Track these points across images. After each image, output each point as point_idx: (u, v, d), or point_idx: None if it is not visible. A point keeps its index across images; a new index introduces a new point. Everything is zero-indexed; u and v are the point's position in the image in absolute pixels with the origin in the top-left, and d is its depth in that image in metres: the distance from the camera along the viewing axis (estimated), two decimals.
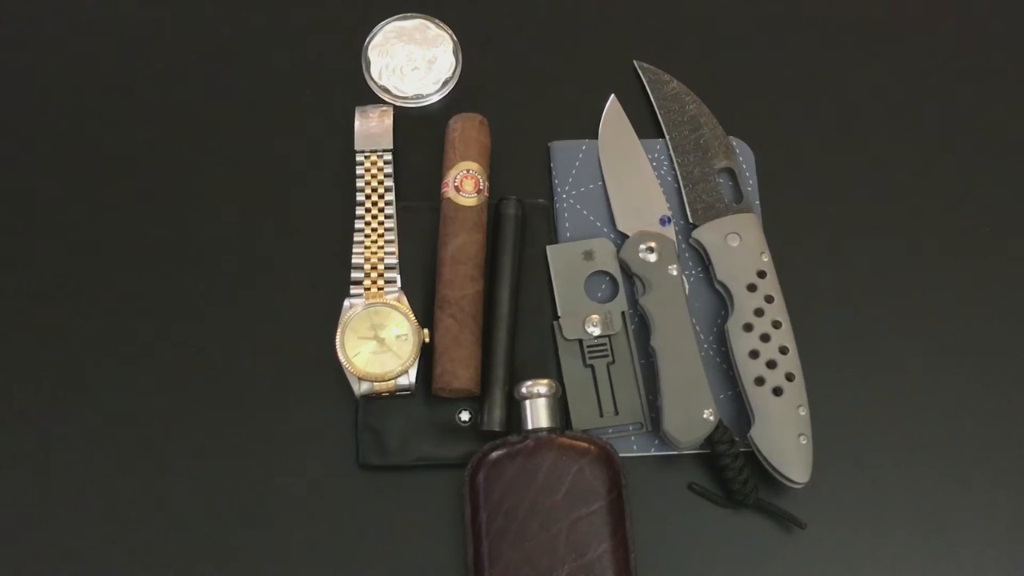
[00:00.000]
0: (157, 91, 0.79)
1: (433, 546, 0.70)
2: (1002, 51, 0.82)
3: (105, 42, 0.80)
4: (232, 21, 0.81)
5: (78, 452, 0.71)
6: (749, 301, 0.72)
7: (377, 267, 0.73)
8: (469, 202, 0.74)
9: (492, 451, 0.68)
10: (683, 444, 0.70)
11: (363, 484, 0.71)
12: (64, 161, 0.77)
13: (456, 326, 0.71)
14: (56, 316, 0.74)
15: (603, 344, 0.73)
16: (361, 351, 0.70)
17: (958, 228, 0.78)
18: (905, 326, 0.75)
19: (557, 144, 0.78)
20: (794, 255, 0.76)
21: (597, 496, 0.67)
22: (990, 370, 0.75)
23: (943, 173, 0.79)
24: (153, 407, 0.72)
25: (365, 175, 0.75)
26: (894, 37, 0.82)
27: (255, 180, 0.77)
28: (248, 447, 0.71)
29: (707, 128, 0.78)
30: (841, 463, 0.72)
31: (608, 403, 0.72)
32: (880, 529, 0.71)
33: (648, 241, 0.74)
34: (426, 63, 0.80)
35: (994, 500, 0.72)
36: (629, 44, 0.81)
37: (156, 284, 0.75)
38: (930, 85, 0.81)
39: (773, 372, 0.70)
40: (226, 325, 0.74)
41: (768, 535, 0.71)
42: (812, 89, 0.81)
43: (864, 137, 0.80)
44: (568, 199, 0.77)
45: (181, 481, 0.71)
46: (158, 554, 0.69)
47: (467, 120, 0.75)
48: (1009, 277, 0.77)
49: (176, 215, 0.76)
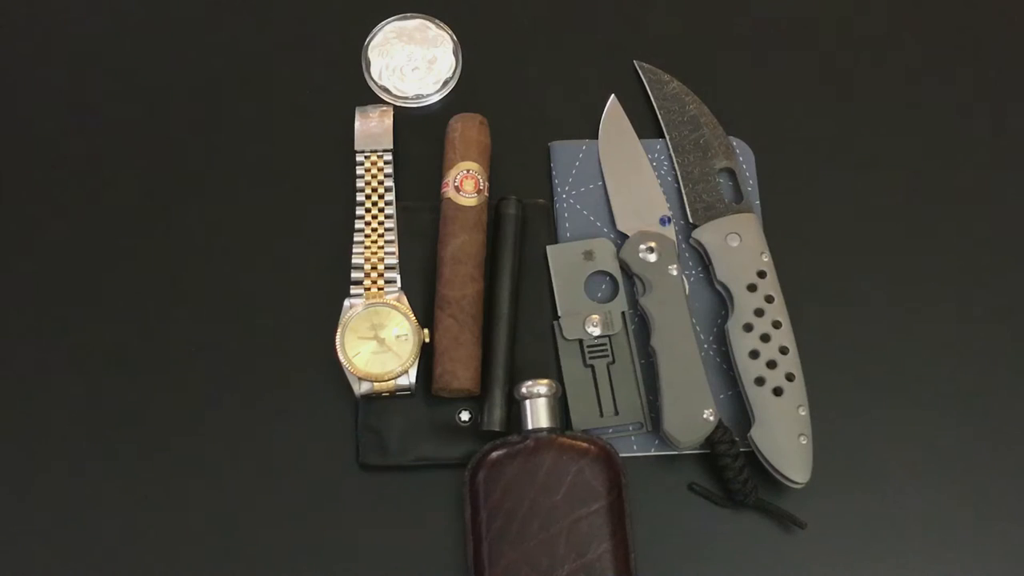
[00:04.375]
0: (157, 91, 0.79)
1: (433, 546, 0.70)
2: (1003, 51, 0.82)
3: (105, 42, 0.80)
4: (232, 21, 0.81)
5: (78, 452, 0.71)
6: (749, 301, 0.72)
7: (377, 267, 0.73)
8: (469, 202, 0.74)
9: (492, 451, 0.68)
10: (683, 444, 0.70)
11: (363, 484, 0.71)
12: (64, 162, 0.77)
13: (456, 326, 0.71)
14: (56, 316, 0.74)
15: (603, 344, 0.73)
16: (361, 351, 0.70)
17: (958, 228, 0.78)
18: (905, 326, 0.75)
19: (557, 144, 0.78)
20: (794, 255, 0.76)
21: (597, 496, 0.67)
22: (990, 370, 0.75)
23: (943, 173, 0.79)
24: (153, 407, 0.72)
25: (365, 175, 0.75)
26: (894, 37, 0.82)
27: (255, 180, 0.77)
28: (248, 447, 0.71)
29: (707, 128, 0.78)
30: (841, 463, 0.72)
31: (608, 403, 0.72)
32: (880, 529, 0.71)
33: (648, 241, 0.74)
34: (426, 63, 0.80)
35: (994, 500, 0.72)
36: (629, 44, 0.81)
37: (156, 284, 0.75)
38: (930, 85, 0.81)
39: (773, 372, 0.70)
40: (226, 325, 0.74)
41: (768, 535, 0.71)
42: (812, 89, 0.81)
43: (864, 137, 0.80)
44: (568, 199, 0.77)
45: (181, 481, 0.71)
46: (158, 554, 0.69)
47: (467, 120, 0.75)
48: (1010, 277, 0.77)
49: (176, 215, 0.76)
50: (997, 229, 0.78)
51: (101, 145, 0.78)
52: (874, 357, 0.75)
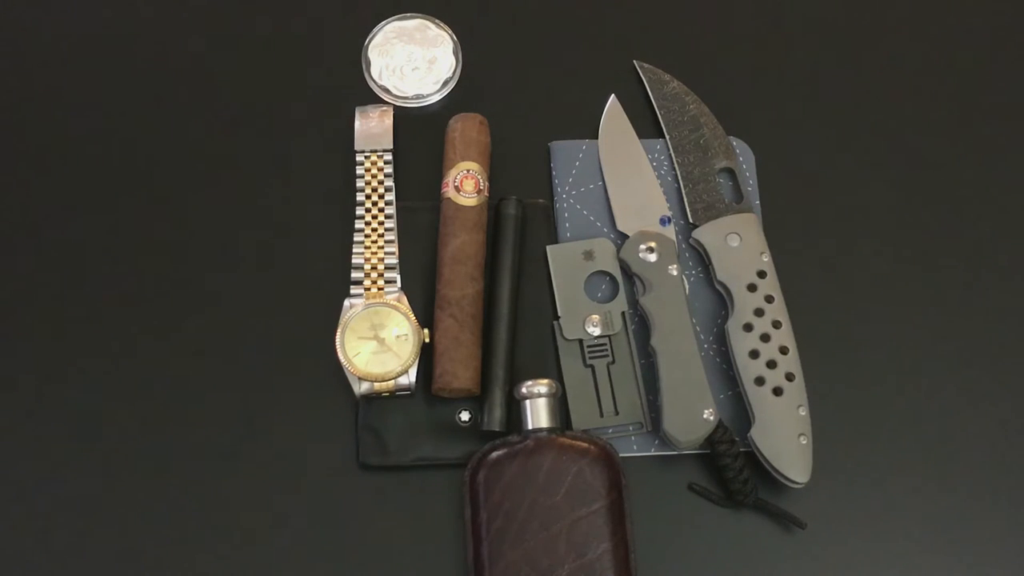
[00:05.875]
0: (157, 91, 0.79)
1: (433, 546, 0.70)
2: (1004, 52, 0.82)
3: (105, 41, 0.80)
4: (232, 21, 0.81)
5: (78, 452, 0.71)
6: (749, 301, 0.72)
7: (377, 267, 0.73)
8: (469, 202, 0.74)
9: (492, 451, 0.68)
10: (683, 444, 0.70)
11: (363, 484, 0.71)
12: (63, 163, 0.77)
13: (456, 326, 0.71)
14: (56, 317, 0.74)
15: (603, 344, 0.73)
16: (361, 351, 0.70)
17: (959, 228, 0.78)
18: (905, 326, 0.75)
19: (557, 144, 0.78)
20: (794, 255, 0.76)
21: (597, 496, 0.67)
22: (990, 370, 0.75)
23: (943, 173, 0.79)
24: (153, 407, 0.72)
25: (365, 175, 0.75)
26: (895, 37, 0.82)
27: (255, 180, 0.77)
28: (248, 447, 0.71)
29: (707, 128, 0.78)
30: (841, 463, 0.72)
31: (608, 403, 0.72)
32: (880, 529, 0.71)
33: (648, 241, 0.74)
34: (426, 63, 0.80)
35: (994, 500, 0.72)
36: (629, 44, 0.81)
37: (155, 284, 0.75)
38: (930, 85, 0.81)
39: (773, 372, 0.70)
40: (226, 325, 0.74)
41: (768, 535, 0.71)
42: (812, 89, 0.81)
43: (864, 137, 0.80)
44: (568, 199, 0.77)
45: (182, 481, 0.71)
46: (158, 554, 0.69)
47: (467, 120, 0.76)
48: (1010, 277, 0.77)
49: (176, 215, 0.76)
50: (998, 228, 0.78)
51: (100, 145, 0.78)
52: (874, 357, 0.75)
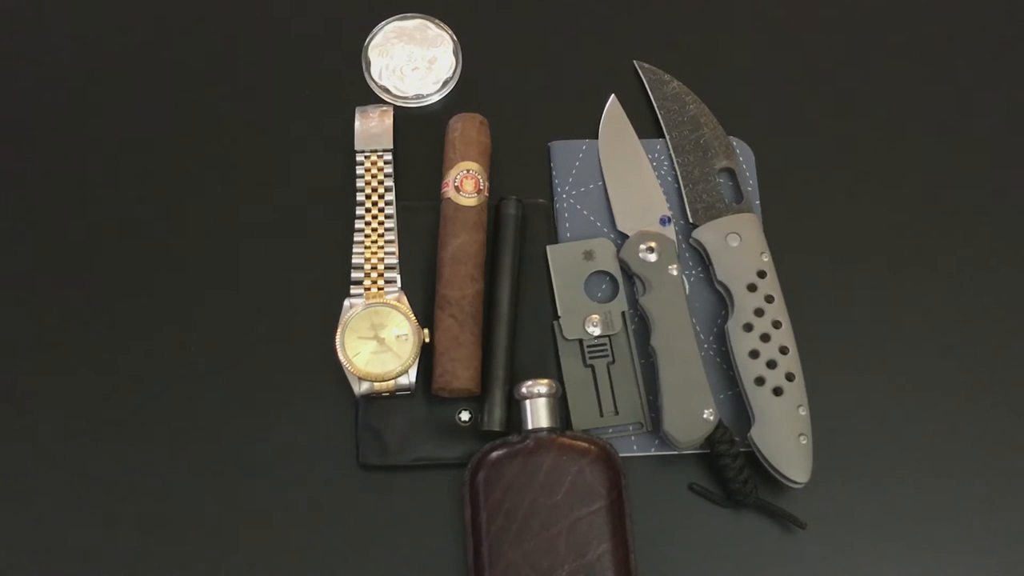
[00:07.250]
0: (157, 91, 0.79)
1: (433, 546, 0.70)
2: (1004, 53, 0.82)
3: (105, 41, 0.80)
4: (232, 21, 0.81)
5: (78, 452, 0.71)
6: (749, 301, 0.72)
7: (377, 267, 0.73)
8: (469, 202, 0.74)
9: (492, 451, 0.68)
10: (683, 444, 0.70)
11: (363, 484, 0.71)
12: (64, 162, 0.77)
13: (456, 326, 0.71)
14: (55, 317, 0.74)
15: (603, 344, 0.73)
16: (361, 351, 0.70)
17: (959, 228, 0.78)
18: (905, 326, 0.75)
19: (557, 144, 0.78)
20: (794, 255, 0.76)
21: (597, 496, 0.67)
22: (990, 370, 0.75)
23: (943, 173, 0.79)
24: (153, 407, 0.72)
25: (365, 175, 0.75)
26: (895, 37, 0.82)
27: (255, 180, 0.77)
28: (248, 447, 0.71)
29: (707, 128, 0.78)
30: (841, 463, 0.72)
31: (608, 403, 0.72)
32: (880, 529, 0.71)
33: (648, 241, 0.74)
34: (426, 63, 0.80)
35: (994, 500, 0.72)
36: (629, 44, 0.81)
37: (155, 284, 0.75)
38: (931, 85, 0.81)
39: (773, 372, 0.70)
40: (226, 325, 0.74)
41: (768, 535, 0.71)
42: (812, 89, 0.81)
43: (864, 137, 0.80)
44: (568, 199, 0.77)
45: (181, 481, 0.71)
46: (159, 554, 0.69)
47: (467, 120, 0.76)
48: (1011, 276, 0.77)
49: (175, 215, 0.76)
50: (998, 228, 0.78)
51: (100, 145, 0.78)
52: (874, 357, 0.75)
